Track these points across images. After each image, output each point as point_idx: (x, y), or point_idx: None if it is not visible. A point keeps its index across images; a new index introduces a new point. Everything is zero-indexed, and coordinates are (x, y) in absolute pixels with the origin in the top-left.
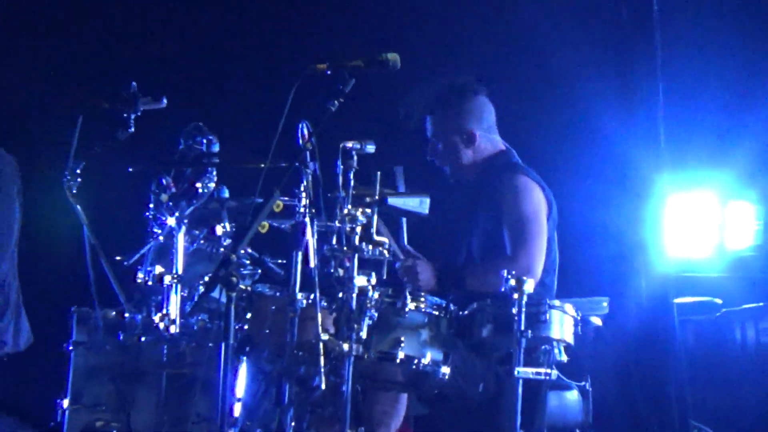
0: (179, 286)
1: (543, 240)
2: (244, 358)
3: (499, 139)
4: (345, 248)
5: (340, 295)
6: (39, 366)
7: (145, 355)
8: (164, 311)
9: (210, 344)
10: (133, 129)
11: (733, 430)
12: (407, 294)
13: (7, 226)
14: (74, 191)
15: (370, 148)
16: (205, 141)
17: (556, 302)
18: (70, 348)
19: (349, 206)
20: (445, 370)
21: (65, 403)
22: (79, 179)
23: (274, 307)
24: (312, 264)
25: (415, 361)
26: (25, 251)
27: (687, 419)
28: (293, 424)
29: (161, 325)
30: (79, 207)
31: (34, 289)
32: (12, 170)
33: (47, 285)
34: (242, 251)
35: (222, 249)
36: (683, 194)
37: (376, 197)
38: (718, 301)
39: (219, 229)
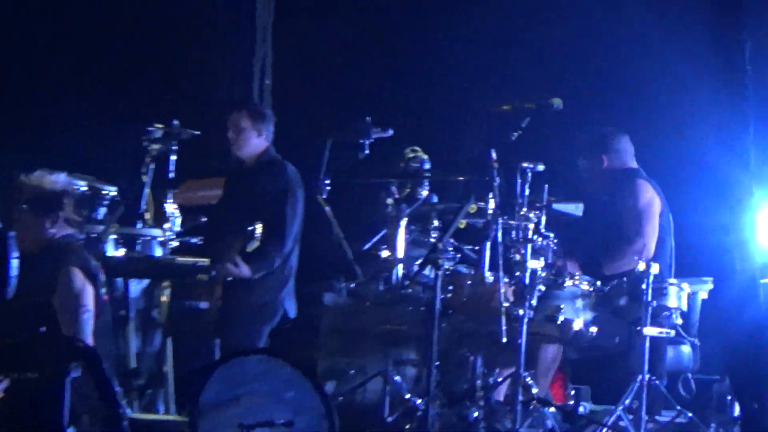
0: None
1: (654, 225)
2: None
3: (629, 159)
4: (521, 239)
5: (517, 273)
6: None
7: (373, 316)
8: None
9: (421, 308)
10: (368, 151)
11: None
12: (566, 274)
13: (299, 221)
14: (324, 196)
15: (540, 167)
16: (419, 160)
17: (674, 280)
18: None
19: (525, 209)
20: (593, 329)
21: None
22: (328, 187)
23: (469, 282)
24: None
25: (571, 323)
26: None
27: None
28: (482, 365)
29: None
30: (328, 208)
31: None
32: (298, 179)
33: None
34: (446, 241)
35: (431, 239)
36: None
37: (544, 203)
38: None
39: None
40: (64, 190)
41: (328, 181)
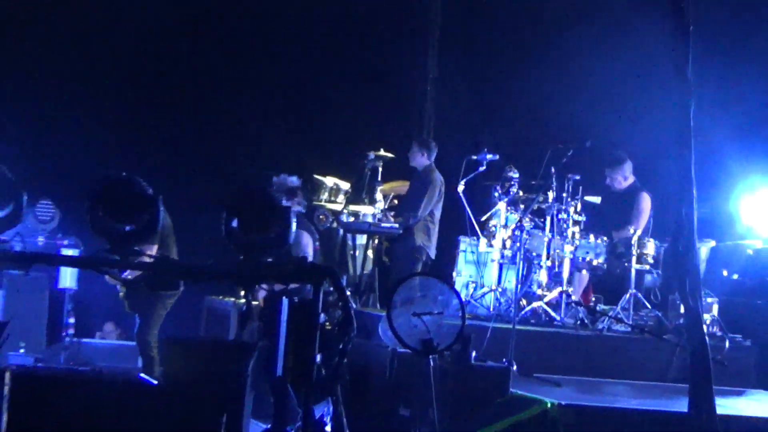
0: None
1: (645, 218)
2: None
3: (631, 173)
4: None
5: (566, 235)
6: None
7: None
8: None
9: None
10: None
11: None
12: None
13: (435, 201)
14: (462, 190)
15: (577, 177)
16: (513, 171)
17: (651, 240)
18: None
19: (569, 199)
20: (604, 265)
21: None
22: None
23: None
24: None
25: (593, 260)
26: None
27: None
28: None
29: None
30: (463, 198)
31: None
32: (440, 179)
33: None
34: (527, 215)
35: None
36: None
37: (579, 196)
38: None
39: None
40: (297, 186)
41: (463, 182)
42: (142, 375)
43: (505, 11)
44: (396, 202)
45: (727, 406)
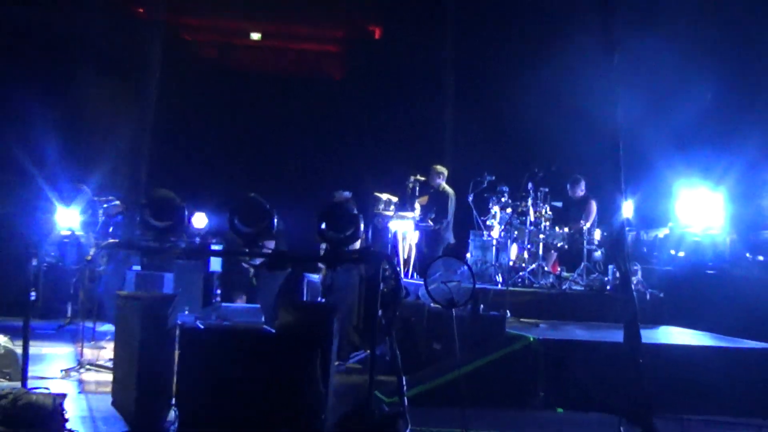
0: None
1: (593, 217)
2: None
3: (585, 189)
4: (542, 214)
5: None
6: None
7: None
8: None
9: None
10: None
11: None
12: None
13: (454, 209)
14: (471, 198)
15: (546, 189)
16: (503, 188)
17: (597, 231)
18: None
19: (541, 203)
20: (566, 246)
21: None
22: (472, 196)
23: None
24: None
25: (556, 242)
26: None
27: None
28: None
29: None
30: (474, 209)
31: None
32: (453, 196)
33: None
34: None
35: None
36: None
37: (547, 202)
38: None
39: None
40: (349, 197)
41: (471, 195)
42: (265, 327)
43: (506, 72)
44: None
45: (647, 337)
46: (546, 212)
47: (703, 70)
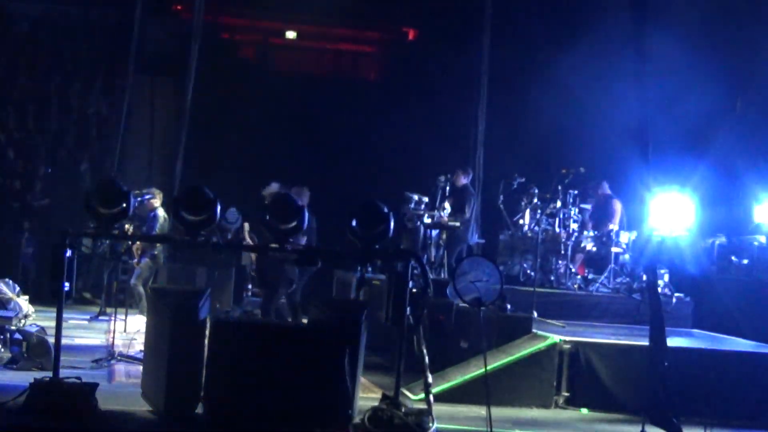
0: None
1: (618, 218)
2: None
3: (609, 190)
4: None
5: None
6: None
7: None
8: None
9: None
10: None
11: None
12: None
13: (474, 206)
14: (501, 201)
15: (576, 191)
16: (533, 190)
17: (625, 232)
18: None
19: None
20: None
21: None
22: (502, 196)
23: None
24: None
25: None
26: None
27: None
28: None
29: None
30: (502, 205)
31: None
32: (474, 193)
33: None
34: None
35: None
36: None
37: (576, 204)
38: None
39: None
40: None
41: (501, 197)
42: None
43: (537, 75)
44: None
45: (673, 340)
46: (575, 214)
47: (708, 70)
